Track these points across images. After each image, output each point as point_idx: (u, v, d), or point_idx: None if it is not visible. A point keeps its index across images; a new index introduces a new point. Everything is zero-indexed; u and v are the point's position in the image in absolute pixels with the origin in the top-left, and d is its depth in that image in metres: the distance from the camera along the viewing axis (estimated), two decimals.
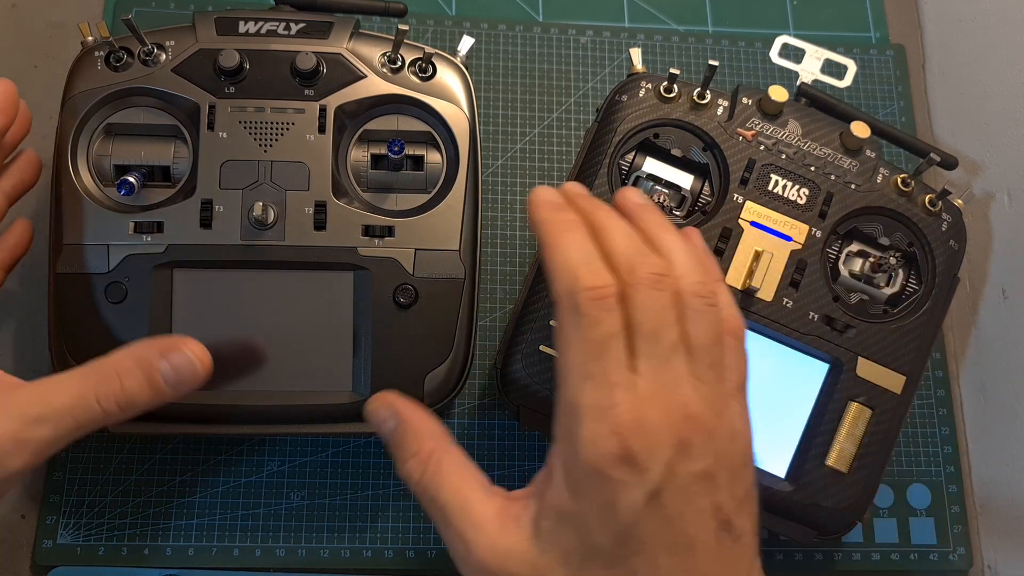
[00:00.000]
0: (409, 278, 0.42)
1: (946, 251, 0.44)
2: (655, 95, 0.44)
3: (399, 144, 0.42)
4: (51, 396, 0.34)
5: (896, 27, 0.60)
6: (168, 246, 0.41)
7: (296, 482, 0.47)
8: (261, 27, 0.44)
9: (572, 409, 0.32)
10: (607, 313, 0.32)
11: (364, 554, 0.47)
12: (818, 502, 0.42)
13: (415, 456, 0.35)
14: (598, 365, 0.32)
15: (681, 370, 0.33)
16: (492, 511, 0.34)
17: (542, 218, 0.35)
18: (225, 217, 0.41)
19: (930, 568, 0.49)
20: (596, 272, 0.33)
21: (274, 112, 0.43)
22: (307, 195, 0.42)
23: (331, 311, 0.42)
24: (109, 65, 0.43)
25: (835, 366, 0.43)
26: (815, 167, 0.44)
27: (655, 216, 0.36)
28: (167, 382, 0.35)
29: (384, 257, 0.42)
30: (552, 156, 0.54)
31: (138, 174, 0.42)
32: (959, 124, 0.56)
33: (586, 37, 0.57)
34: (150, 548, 0.46)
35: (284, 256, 0.42)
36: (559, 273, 0.33)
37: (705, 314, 0.34)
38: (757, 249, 0.43)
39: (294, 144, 0.42)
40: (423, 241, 0.42)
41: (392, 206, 0.44)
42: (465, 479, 0.35)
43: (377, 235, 0.42)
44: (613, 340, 0.32)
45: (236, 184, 0.42)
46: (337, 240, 0.42)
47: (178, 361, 0.35)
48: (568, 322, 0.33)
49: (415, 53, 0.45)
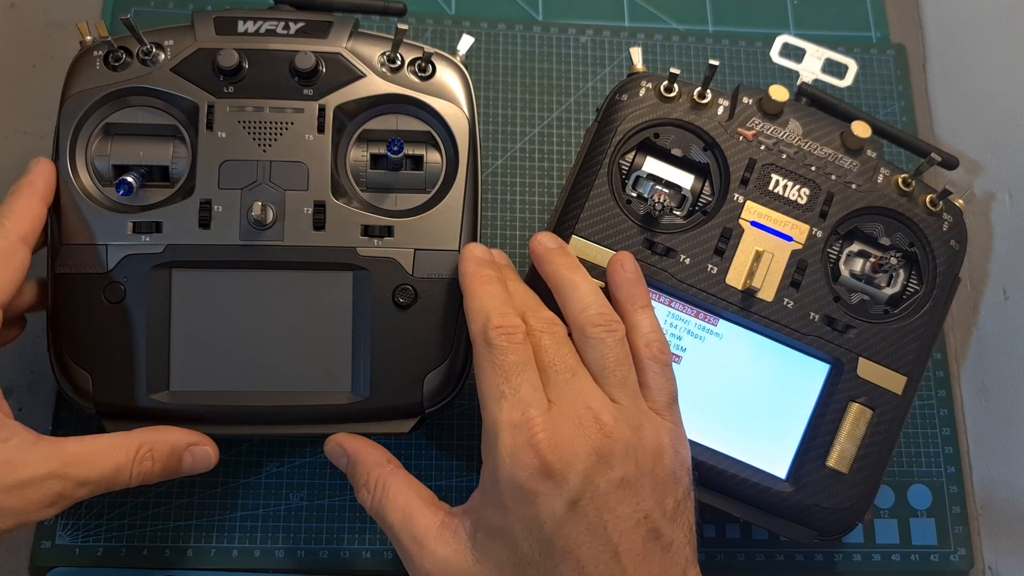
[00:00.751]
0: (408, 278, 0.42)
1: (947, 251, 0.44)
2: (655, 95, 0.44)
3: (398, 144, 0.42)
4: (96, 462, 0.37)
5: (897, 27, 0.60)
6: (167, 246, 0.41)
7: (295, 483, 0.47)
8: (260, 27, 0.44)
9: (491, 428, 0.35)
10: (516, 345, 0.36)
11: (363, 555, 0.46)
12: (819, 503, 0.42)
13: (364, 485, 0.39)
14: (509, 386, 0.35)
15: (588, 389, 0.36)
16: (434, 525, 0.37)
17: (466, 270, 0.40)
18: (224, 217, 0.41)
19: (931, 569, 0.49)
20: (505, 314, 0.37)
21: (273, 112, 0.42)
22: (306, 195, 0.42)
23: (330, 311, 0.42)
24: (108, 65, 0.43)
25: (836, 366, 0.43)
26: (816, 167, 0.44)
27: (563, 258, 0.41)
28: (184, 470, 0.40)
29: (383, 257, 0.42)
30: (552, 156, 0.54)
31: (136, 174, 0.42)
32: (960, 124, 0.56)
33: (586, 36, 0.57)
34: (149, 549, 0.46)
35: (283, 256, 0.41)
36: (475, 315, 0.38)
37: (602, 340, 0.37)
38: (758, 249, 0.43)
39: (293, 144, 0.42)
40: (422, 241, 0.42)
41: (392, 206, 0.43)
42: (409, 498, 0.38)
43: (376, 235, 0.42)
44: (524, 366, 0.36)
45: (235, 184, 0.42)
46: (336, 240, 0.42)
47: (199, 455, 0.40)
48: (482, 355, 0.37)
49: (414, 52, 0.44)
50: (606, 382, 0.37)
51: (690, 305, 0.43)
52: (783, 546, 0.49)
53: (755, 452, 0.42)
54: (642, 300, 0.40)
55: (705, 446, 0.42)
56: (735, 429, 0.43)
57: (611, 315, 0.38)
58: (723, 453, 0.42)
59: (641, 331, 0.39)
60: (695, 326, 0.43)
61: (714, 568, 0.48)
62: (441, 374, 0.42)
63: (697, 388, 0.43)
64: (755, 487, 0.42)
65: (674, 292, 0.43)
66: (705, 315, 0.43)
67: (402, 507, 0.38)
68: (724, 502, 0.42)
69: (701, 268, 0.43)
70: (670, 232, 0.43)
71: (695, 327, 0.43)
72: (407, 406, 0.42)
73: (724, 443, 0.42)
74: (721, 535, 0.49)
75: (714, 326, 0.43)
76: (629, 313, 0.39)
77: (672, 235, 0.43)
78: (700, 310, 0.43)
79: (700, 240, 0.43)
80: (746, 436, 0.43)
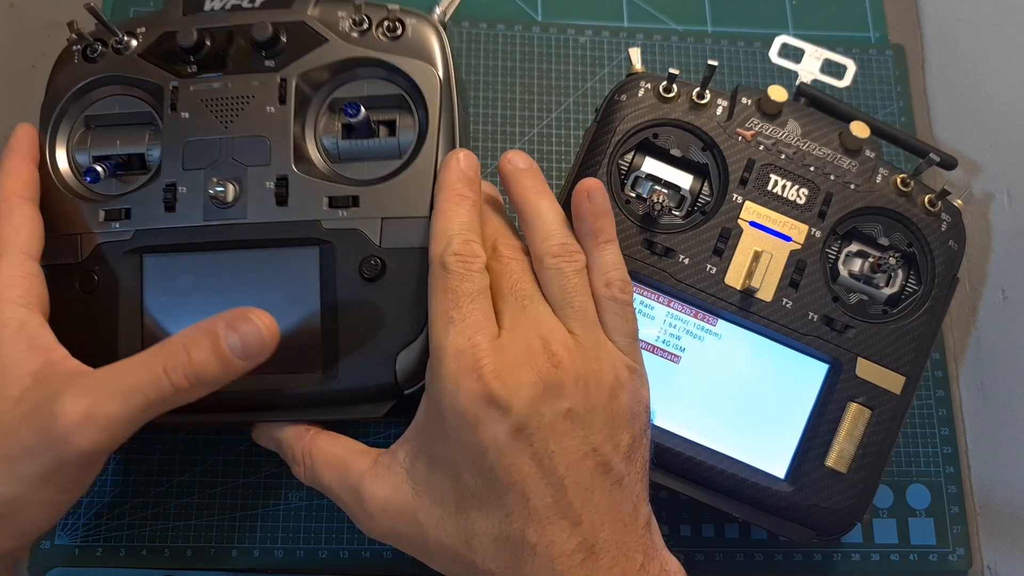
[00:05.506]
0: (375, 250, 0.39)
1: (945, 251, 0.44)
2: (654, 95, 0.44)
3: (354, 107, 0.40)
4: (121, 374, 0.34)
5: (896, 27, 0.60)
6: (135, 232, 0.40)
7: (294, 483, 0.47)
8: (226, 3, 0.43)
9: (435, 352, 0.34)
10: (473, 273, 0.35)
11: (362, 555, 0.47)
12: (817, 503, 0.42)
13: (294, 461, 0.38)
14: (459, 312, 0.34)
15: (543, 317, 0.35)
16: (367, 468, 0.36)
17: (444, 181, 0.38)
18: (188, 199, 0.40)
19: (930, 569, 0.49)
20: (468, 241, 0.36)
21: (234, 87, 0.41)
22: (268, 170, 0.40)
23: (297, 290, 0.40)
24: (86, 58, 0.42)
25: (834, 366, 0.43)
26: (814, 167, 0.44)
27: (531, 180, 0.39)
28: (235, 353, 0.34)
29: (348, 229, 0.39)
30: (551, 156, 0.54)
31: (107, 163, 0.41)
32: (959, 124, 0.56)
33: (585, 37, 0.57)
34: (148, 549, 0.46)
35: (247, 234, 0.40)
36: (437, 236, 0.36)
37: (560, 271, 0.36)
38: (756, 249, 0.43)
39: (254, 118, 0.41)
40: (391, 209, 0.40)
41: (365, 176, 0.41)
42: (337, 452, 0.37)
43: (341, 206, 0.40)
44: (478, 295, 0.35)
45: (198, 164, 0.40)
46: (300, 214, 0.40)
47: (246, 330, 0.34)
48: (436, 278, 0.35)
49: (381, 13, 0.42)
50: (563, 313, 0.36)
51: (689, 305, 0.43)
52: (782, 546, 0.49)
53: (754, 452, 0.42)
54: (606, 234, 0.38)
55: (704, 445, 0.42)
56: (734, 429, 0.43)
57: (573, 246, 0.37)
58: (722, 453, 0.42)
59: (601, 268, 0.37)
60: (694, 326, 0.43)
61: (713, 568, 0.48)
62: (415, 351, 0.39)
63: (696, 388, 0.43)
64: (754, 487, 0.42)
65: (673, 292, 0.43)
66: (704, 315, 0.43)
67: (333, 464, 0.37)
68: (723, 502, 0.42)
69: (700, 268, 0.43)
70: (669, 232, 0.43)
71: (694, 327, 0.43)
72: (380, 387, 0.39)
73: (723, 443, 0.42)
74: (720, 535, 0.49)
75: (713, 326, 0.43)
76: (591, 248, 0.38)
77: (671, 235, 0.43)
78: (699, 310, 0.43)
79: (699, 240, 0.43)
80: (745, 436, 0.43)
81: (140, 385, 0.33)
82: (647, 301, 0.43)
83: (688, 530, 0.49)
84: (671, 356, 0.43)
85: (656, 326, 0.43)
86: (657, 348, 0.43)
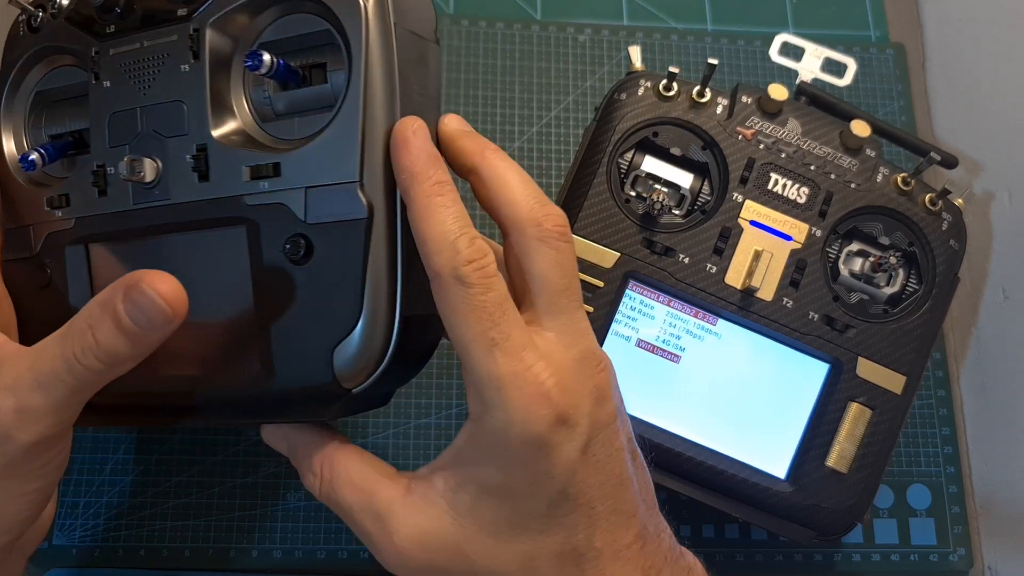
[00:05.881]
0: (299, 226, 0.32)
1: (946, 251, 0.44)
2: (654, 94, 0.44)
3: (254, 57, 0.32)
4: (38, 363, 0.31)
5: (896, 26, 0.60)
6: (76, 220, 0.36)
7: (293, 483, 0.47)
8: None
9: (488, 382, 0.30)
10: (492, 279, 0.30)
11: (361, 555, 0.46)
12: (818, 503, 0.42)
13: (310, 469, 0.34)
14: (499, 331, 0.30)
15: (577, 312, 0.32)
16: (398, 496, 0.32)
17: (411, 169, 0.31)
18: (118, 180, 0.35)
19: (930, 569, 0.49)
20: (474, 241, 0.30)
21: (149, 46, 0.35)
22: (187, 140, 0.34)
23: (229, 278, 0.34)
24: (30, 28, 0.38)
25: (835, 366, 0.43)
26: (815, 166, 0.44)
27: (472, 142, 0.33)
28: (140, 325, 0.29)
29: (270, 204, 0.33)
30: (550, 155, 0.54)
31: (50, 146, 0.37)
32: (959, 123, 0.56)
33: (584, 35, 0.57)
34: (146, 549, 0.45)
35: (171, 217, 0.34)
36: (436, 245, 0.30)
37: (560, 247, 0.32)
38: (757, 248, 0.43)
39: (170, 80, 0.34)
40: (315, 176, 0.32)
41: (296, 136, 0.34)
42: (364, 474, 0.33)
43: (263, 176, 0.33)
44: (505, 302, 0.31)
45: (122, 140, 0.35)
46: (222, 189, 0.33)
47: (142, 302, 0.29)
48: (455, 296, 0.30)
49: None
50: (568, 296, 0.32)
51: (689, 305, 0.43)
52: (782, 546, 0.49)
53: (754, 452, 0.42)
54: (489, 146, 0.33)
55: (704, 446, 0.42)
56: (734, 429, 0.42)
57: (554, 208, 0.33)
58: (722, 453, 0.42)
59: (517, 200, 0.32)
60: (694, 326, 0.43)
61: (713, 568, 0.48)
62: (356, 344, 0.32)
63: (696, 388, 0.43)
64: (754, 487, 0.42)
65: (673, 291, 0.43)
66: (704, 315, 0.43)
67: (358, 484, 0.33)
68: (723, 502, 0.42)
69: (700, 267, 0.42)
70: (669, 231, 0.43)
71: (694, 327, 0.43)
72: (320, 387, 0.33)
73: (723, 443, 0.42)
74: (720, 535, 0.49)
75: (713, 326, 0.43)
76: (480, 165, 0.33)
77: (671, 234, 0.43)
78: (699, 310, 0.43)
79: (699, 239, 0.43)
80: (745, 436, 0.42)
81: (58, 374, 0.30)
82: (647, 300, 0.43)
83: (688, 530, 0.48)
84: (671, 356, 0.43)
85: (656, 326, 0.43)
86: (657, 348, 0.43)
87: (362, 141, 0.31)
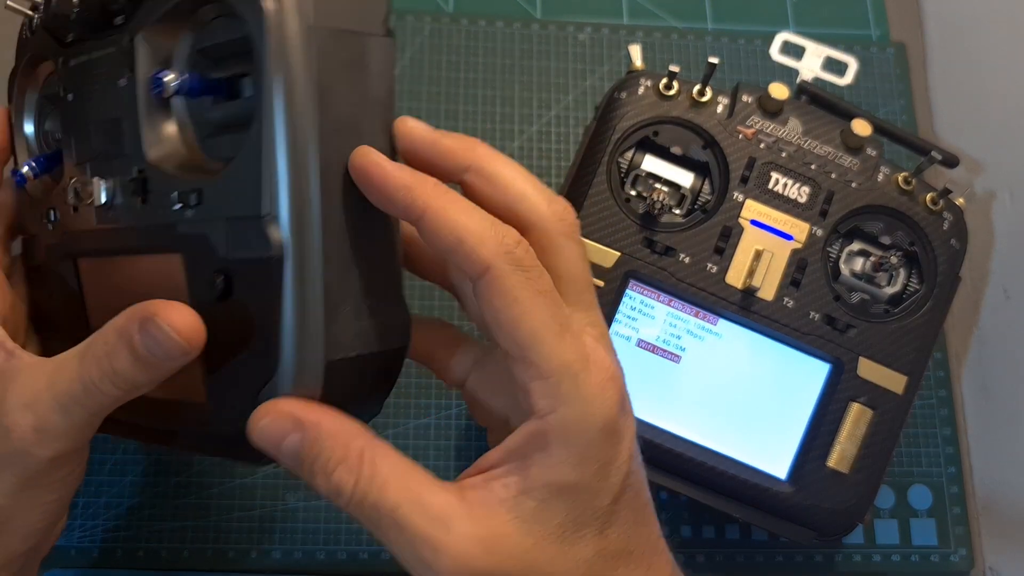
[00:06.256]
0: (219, 261, 0.29)
1: (948, 250, 0.44)
2: (654, 93, 0.44)
3: (157, 82, 0.29)
4: (57, 383, 0.30)
5: (897, 25, 0.60)
6: (64, 234, 0.35)
7: (292, 483, 0.47)
8: None
9: (565, 370, 0.28)
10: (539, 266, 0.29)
11: (360, 556, 0.46)
12: (819, 503, 0.41)
13: (343, 462, 0.28)
14: (563, 315, 0.29)
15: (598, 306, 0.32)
16: (454, 502, 0.29)
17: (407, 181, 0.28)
18: None
19: (931, 569, 0.49)
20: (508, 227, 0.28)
21: (97, 57, 0.33)
22: (129, 160, 0.31)
23: None
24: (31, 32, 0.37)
25: (836, 366, 0.43)
26: (816, 165, 0.44)
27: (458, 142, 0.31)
28: (156, 356, 0.29)
29: (195, 234, 0.29)
30: (550, 154, 0.54)
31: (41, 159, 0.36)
32: (960, 122, 0.56)
33: (584, 34, 0.57)
34: (145, 550, 0.45)
35: (120, 241, 0.32)
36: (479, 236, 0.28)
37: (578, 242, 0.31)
38: (757, 248, 0.42)
39: (109, 95, 0.32)
40: (233, 206, 0.28)
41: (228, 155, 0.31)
42: (411, 473, 0.29)
43: (187, 203, 0.29)
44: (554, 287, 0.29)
45: (85, 156, 0.34)
46: (158, 216, 0.30)
47: (155, 333, 0.28)
48: (514, 282, 0.28)
49: None
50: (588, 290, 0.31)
51: (689, 304, 0.43)
52: (783, 546, 0.48)
53: (755, 452, 0.42)
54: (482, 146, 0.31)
55: (704, 446, 0.42)
56: (735, 429, 0.42)
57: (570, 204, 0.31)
58: (722, 453, 0.42)
59: None
60: (694, 325, 0.43)
61: (713, 568, 0.48)
62: (279, 390, 0.28)
63: (696, 388, 0.42)
64: (755, 488, 0.41)
65: (673, 291, 0.42)
66: (705, 314, 0.43)
67: (405, 484, 0.28)
68: (724, 503, 0.42)
69: (701, 267, 0.42)
70: (669, 231, 0.43)
71: (694, 326, 0.43)
72: None
73: (724, 443, 0.42)
74: (720, 535, 0.48)
75: (714, 325, 0.43)
76: None
77: (671, 234, 0.43)
78: (700, 309, 0.43)
79: (700, 239, 0.43)
80: (746, 436, 0.42)
81: (76, 397, 0.30)
82: (647, 300, 0.43)
83: (688, 531, 0.48)
84: (671, 356, 0.43)
85: (656, 326, 0.43)
86: (657, 348, 0.43)
87: (264, 169, 0.27)
